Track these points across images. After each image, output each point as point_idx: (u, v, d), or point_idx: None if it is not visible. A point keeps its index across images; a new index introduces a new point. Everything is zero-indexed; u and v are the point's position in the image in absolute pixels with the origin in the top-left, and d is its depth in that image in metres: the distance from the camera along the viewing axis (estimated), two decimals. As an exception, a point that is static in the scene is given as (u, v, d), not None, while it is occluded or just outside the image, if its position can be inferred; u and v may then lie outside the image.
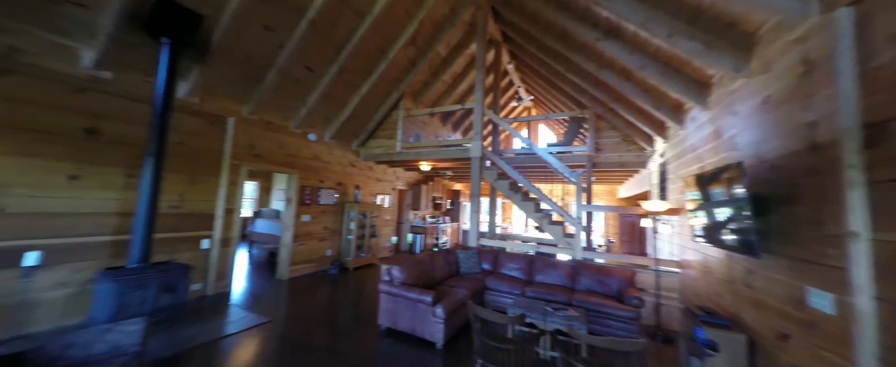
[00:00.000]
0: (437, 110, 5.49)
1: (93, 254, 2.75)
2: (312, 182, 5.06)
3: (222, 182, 3.77)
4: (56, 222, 2.56)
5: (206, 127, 3.63)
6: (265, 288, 4.14)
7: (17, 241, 2.37)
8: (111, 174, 2.87)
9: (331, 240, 5.44)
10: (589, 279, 3.52)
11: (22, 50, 2.41)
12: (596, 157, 5.03)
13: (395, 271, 3.01)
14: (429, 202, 8.36)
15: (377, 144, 5.97)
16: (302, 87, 4.31)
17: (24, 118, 2.42)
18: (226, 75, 3.60)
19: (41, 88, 2.50)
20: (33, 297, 2.46)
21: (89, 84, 2.74)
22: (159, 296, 2.58)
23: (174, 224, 3.32)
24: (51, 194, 2.55)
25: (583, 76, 4.37)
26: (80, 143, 2.69)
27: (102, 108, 2.82)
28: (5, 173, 2.34)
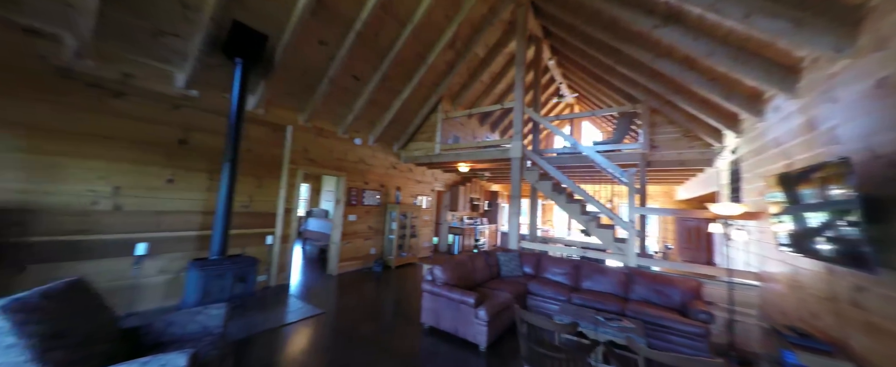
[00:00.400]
0: (476, 111, 5.49)
1: (184, 246, 3.23)
2: (358, 184, 5.37)
3: (282, 184, 4.17)
4: (158, 218, 3.06)
5: (269, 135, 4.05)
6: (317, 282, 4.49)
7: (131, 234, 2.88)
8: (197, 178, 3.34)
9: (374, 239, 5.71)
10: (645, 289, 3.23)
11: (133, 76, 2.92)
12: (650, 155, 4.60)
13: (437, 271, 3.06)
14: (466, 203, 8.37)
15: (417, 147, 6.14)
16: (349, 95, 4.61)
17: (135, 132, 2.93)
18: (285, 88, 3.99)
19: (146, 106, 3.00)
20: (142, 281, 2.96)
21: (181, 102, 3.23)
22: (234, 285, 2.93)
23: (245, 222, 3.76)
24: (154, 195, 3.04)
25: (635, 68, 4.04)
26: (175, 151, 3.18)
27: (191, 121, 3.30)
28: (123, 178, 2.86)
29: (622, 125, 5.17)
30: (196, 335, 1.83)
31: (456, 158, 5.51)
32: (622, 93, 5.35)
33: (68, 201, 2.57)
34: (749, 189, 3.20)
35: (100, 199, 2.72)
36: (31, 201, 2.41)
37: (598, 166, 4.85)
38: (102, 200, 2.73)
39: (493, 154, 5.05)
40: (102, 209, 2.73)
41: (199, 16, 2.85)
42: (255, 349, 2.49)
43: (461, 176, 8.63)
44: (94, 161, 2.70)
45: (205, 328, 1.86)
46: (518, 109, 4.65)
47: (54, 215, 2.50)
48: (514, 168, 4.54)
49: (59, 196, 2.53)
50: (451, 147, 5.54)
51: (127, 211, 2.87)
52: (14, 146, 2.34)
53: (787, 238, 2.12)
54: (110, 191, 2.78)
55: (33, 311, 1.24)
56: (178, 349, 1.66)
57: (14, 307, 1.20)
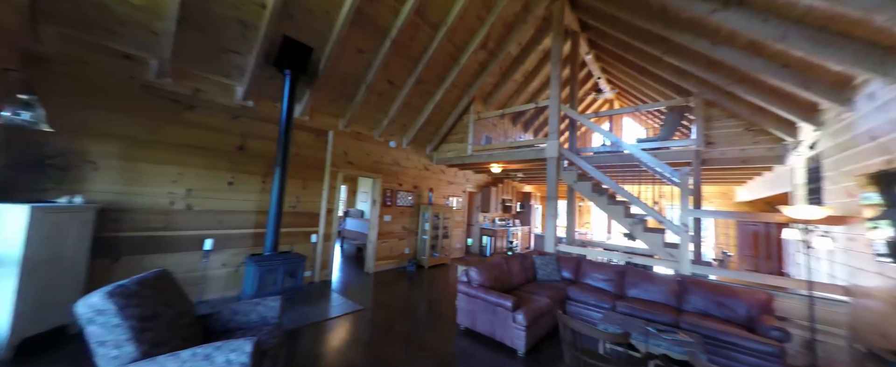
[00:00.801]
0: (509, 111, 5.39)
1: (242, 243, 3.56)
2: (392, 185, 5.54)
3: (325, 186, 4.43)
4: (221, 217, 3.41)
5: (313, 140, 4.33)
6: (356, 279, 4.69)
7: (201, 231, 3.24)
8: (252, 181, 3.67)
9: (408, 239, 5.85)
10: (702, 299, 2.94)
11: (202, 90, 3.29)
12: (706, 152, 4.18)
13: (472, 272, 3.05)
14: (498, 205, 8.25)
15: (449, 148, 6.18)
16: (384, 99, 4.77)
17: (203, 140, 3.29)
18: (327, 95, 4.24)
19: (212, 117, 3.36)
20: (208, 273, 3.31)
21: (240, 112, 3.57)
22: (284, 279, 3.17)
23: (292, 221, 4.05)
24: (218, 196, 3.40)
25: (687, 58, 3.71)
26: (234, 157, 3.52)
27: (248, 129, 3.63)
28: (193, 181, 3.22)
29: (671, 121, 4.76)
30: (256, 324, 2.00)
31: (488, 159, 5.46)
32: (671, 85, 4.94)
33: (152, 202, 2.96)
34: (833, 190, 2.77)
35: (176, 199, 3.10)
36: (124, 201, 2.81)
37: (643, 166, 4.53)
38: (178, 200, 3.11)
39: (526, 154, 4.93)
40: (177, 209, 3.11)
41: (256, 34, 3.13)
42: (302, 339, 2.67)
43: (493, 177, 8.52)
44: (171, 166, 3.08)
45: (263, 318, 2.03)
46: (553, 106, 4.49)
47: (141, 214, 2.90)
48: (549, 168, 4.39)
49: (145, 197, 2.92)
50: (483, 148, 5.50)
51: (196, 210, 3.23)
52: (112, 154, 2.75)
53: (886, 247, 1.80)
54: (184, 193, 3.15)
55: (131, 296, 1.45)
56: (242, 335, 1.83)
57: (118, 292, 1.41)
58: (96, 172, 2.67)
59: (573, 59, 5.37)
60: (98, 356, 1.33)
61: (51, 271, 2.20)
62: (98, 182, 2.67)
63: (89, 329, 1.33)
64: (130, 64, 2.85)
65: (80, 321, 1.33)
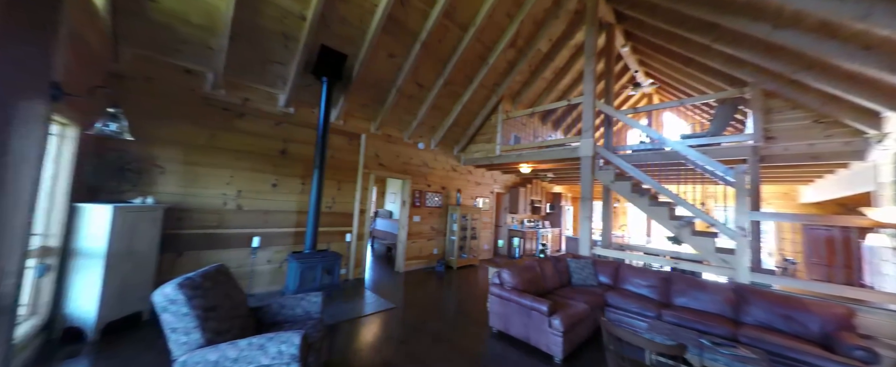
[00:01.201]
0: (539, 109, 5.25)
1: (284, 241, 3.80)
2: (421, 186, 5.61)
3: (357, 187, 4.60)
4: (266, 216, 3.66)
5: (347, 143, 4.51)
6: (387, 278, 4.81)
7: (249, 229, 3.50)
8: (293, 183, 3.90)
9: (436, 240, 5.89)
10: (765, 311, 2.64)
11: (250, 99, 3.56)
12: (765, 148, 3.77)
13: (505, 274, 3.00)
14: (527, 206, 8.06)
15: (476, 149, 6.15)
16: (414, 102, 4.86)
17: (251, 145, 3.56)
18: (360, 100, 4.40)
19: (259, 123, 3.62)
20: (256, 268, 3.57)
21: (282, 118, 3.82)
22: (323, 276, 3.33)
23: (329, 221, 4.25)
24: (263, 197, 3.65)
25: (741, 44, 3.38)
26: (278, 160, 3.77)
27: (289, 134, 3.87)
28: (243, 183, 3.49)
29: (722, 115, 4.36)
30: (301, 317, 2.12)
31: (517, 159, 5.35)
32: (722, 76, 4.53)
33: (208, 202, 3.25)
34: (934, 190, 2.37)
35: (228, 200, 3.38)
36: (186, 202, 3.11)
37: (690, 164, 4.19)
38: (230, 201, 3.39)
39: (558, 154, 4.76)
40: (229, 208, 3.38)
41: (296, 45, 3.33)
42: (340, 334, 2.78)
43: (521, 178, 8.35)
44: (225, 170, 3.36)
45: (307, 313, 2.15)
46: (588, 102, 4.30)
47: (199, 213, 3.19)
48: (584, 168, 4.20)
49: (202, 198, 3.22)
50: (511, 148, 5.40)
51: (246, 210, 3.50)
52: (176, 159, 3.07)
53: None
54: (235, 194, 3.43)
55: (197, 288, 1.59)
56: (289, 328, 1.95)
57: (186, 284, 1.56)
58: (163, 176, 2.98)
59: (608, 53, 5.11)
60: (171, 341, 1.48)
61: (128, 263, 2.49)
62: (165, 185, 2.99)
63: (163, 317, 1.48)
64: (190, 78, 3.16)
65: (156, 308, 1.49)
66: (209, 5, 2.80)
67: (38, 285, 2.13)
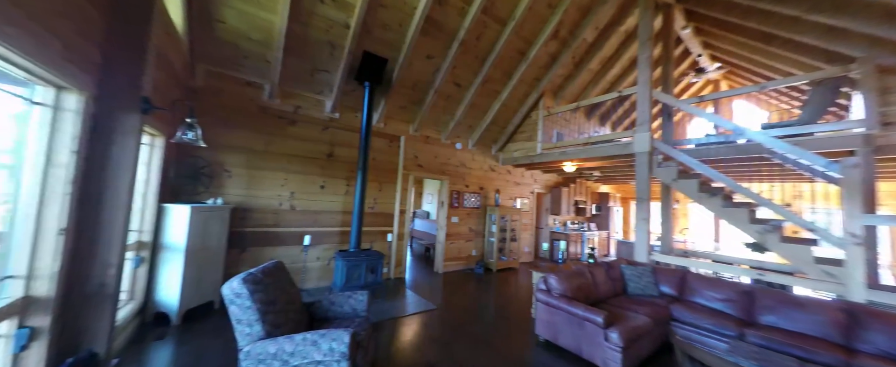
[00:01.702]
0: (584, 103, 4.90)
1: (331, 239, 4.00)
2: (459, 187, 5.56)
3: (397, 188, 4.69)
4: (315, 216, 3.88)
5: (387, 145, 4.63)
6: (426, 278, 4.83)
7: (301, 228, 3.74)
8: (338, 184, 4.09)
9: (475, 241, 5.79)
10: (890, 339, 2.12)
11: (301, 106, 3.81)
12: (882, 137, 3.07)
13: (552, 280, 2.81)
14: (570, 207, 7.59)
15: (516, 148, 5.93)
16: (451, 102, 4.83)
17: (302, 149, 3.80)
18: (399, 102, 4.49)
19: (308, 129, 3.86)
20: (307, 265, 3.80)
21: (328, 123, 4.03)
22: (367, 275, 3.43)
23: (371, 221, 4.39)
24: (313, 198, 3.88)
25: (847, 10, 2.78)
26: (325, 163, 3.99)
27: (334, 138, 4.07)
28: (295, 185, 3.74)
29: (818, 99, 3.65)
30: (349, 315, 2.18)
31: (560, 158, 5.05)
32: (816, 52, 3.80)
33: (266, 203, 3.53)
34: None
35: (282, 201, 3.64)
36: (248, 202, 3.42)
37: (776, 158, 3.58)
38: (284, 201, 3.65)
39: (607, 150, 4.38)
40: (284, 208, 3.65)
41: (341, 52, 3.49)
42: (383, 332, 2.82)
43: (563, 177, 7.90)
44: (279, 173, 3.63)
45: (354, 310, 2.20)
46: (643, 93, 3.89)
47: (259, 213, 3.48)
48: (639, 165, 3.81)
49: (261, 199, 3.51)
50: (554, 146, 5.11)
51: (298, 210, 3.75)
52: (240, 164, 3.38)
53: None
54: (288, 195, 3.69)
55: (258, 283, 1.70)
56: (339, 325, 2.01)
57: (249, 279, 1.67)
58: (230, 179, 3.31)
59: (665, 36, 4.59)
60: (237, 331, 1.60)
61: (202, 257, 2.78)
62: (231, 187, 3.31)
63: (231, 309, 1.60)
64: (251, 90, 3.47)
65: (225, 300, 1.61)
66: (266, 21, 3.04)
67: (135, 274, 2.47)
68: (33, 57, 1.08)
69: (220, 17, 2.91)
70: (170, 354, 2.22)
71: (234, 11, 2.91)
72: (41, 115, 1.27)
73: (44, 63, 1.12)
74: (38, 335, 1.24)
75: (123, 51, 1.58)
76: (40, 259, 1.25)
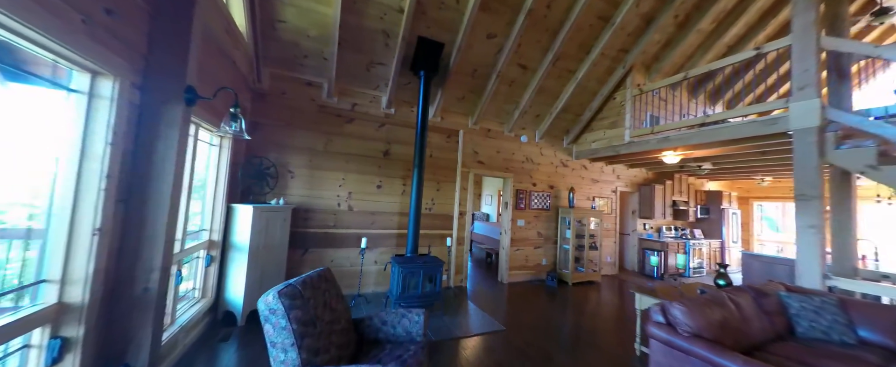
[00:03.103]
0: (699, 71, 3.72)
1: (388, 242, 3.78)
2: (525, 185, 4.88)
3: (456, 187, 4.27)
4: (372, 217, 3.70)
5: (445, 141, 4.25)
6: (490, 289, 4.28)
7: (359, 229, 3.60)
8: (395, 184, 3.86)
9: (545, 248, 5.02)
10: None
11: (358, 104, 3.69)
12: None
13: (677, 311, 1.99)
14: (666, 209, 6.15)
15: (593, 138, 4.97)
16: (515, 88, 4.21)
17: (359, 148, 3.67)
18: (456, 93, 4.07)
19: (365, 127, 3.71)
20: (364, 268, 3.64)
21: (385, 119, 3.84)
22: (425, 284, 3.07)
23: (428, 223, 4.05)
24: (370, 198, 3.71)
25: None
26: (381, 162, 3.79)
27: (390, 135, 3.86)
28: (353, 185, 3.62)
29: None
30: (402, 339, 1.79)
31: (659, 146, 3.96)
32: None
33: (325, 203, 3.47)
34: None
35: (340, 201, 3.55)
36: (308, 203, 3.39)
37: None
38: (342, 201, 3.55)
39: (738, 131, 3.21)
40: (342, 209, 3.55)
41: (395, 40, 3.23)
42: (443, 355, 2.39)
43: (654, 172, 6.48)
44: (338, 173, 3.55)
45: (408, 333, 1.81)
46: (805, 41, 2.69)
47: (319, 213, 3.43)
48: (801, 147, 2.63)
49: (321, 199, 3.45)
50: (648, 132, 4.04)
51: (355, 211, 3.62)
52: (302, 164, 3.37)
53: None
54: (346, 195, 3.58)
55: (296, 297, 1.42)
56: (391, 352, 1.64)
57: (286, 292, 1.40)
58: (293, 180, 3.32)
59: (832, -35, 3.18)
60: (271, 356, 1.32)
61: (265, 258, 2.76)
62: (293, 188, 3.32)
63: (265, 327, 1.34)
64: (311, 89, 3.45)
65: (260, 316, 1.36)
66: (321, 15, 2.93)
67: (207, 272, 2.53)
68: (56, 36, 0.93)
69: (282, 16, 2.90)
70: (230, 358, 2.16)
71: (293, 9, 2.87)
72: (76, 102, 1.16)
73: (72, 44, 0.98)
74: (71, 346, 1.12)
75: (169, 38, 1.47)
76: (75, 261, 1.13)
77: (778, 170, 5.32)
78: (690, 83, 5.26)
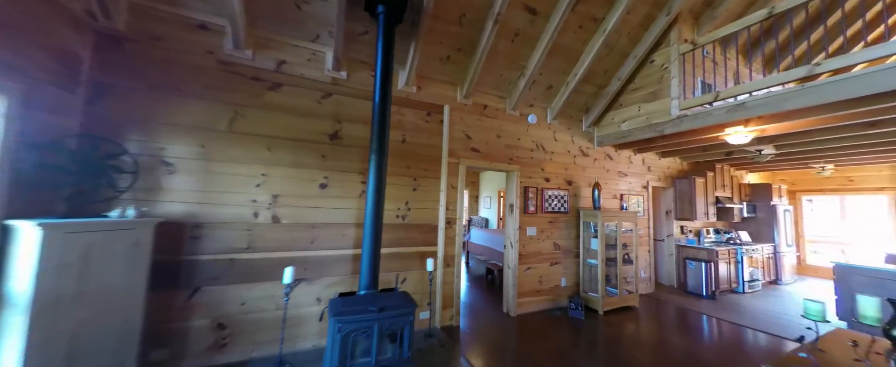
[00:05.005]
0: (793, 2, 2.51)
1: (339, 268, 2.52)
2: (535, 181, 3.65)
3: (442, 186, 3.03)
4: (314, 233, 2.45)
5: (424, 120, 3.02)
6: (494, 326, 3.03)
7: (291, 252, 2.32)
8: (350, 181, 2.62)
9: (564, 264, 3.78)
10: None
11: (287, 62, 2.45)
12: None
13: None
14: (708, 207, 4.94)
15: (623, 116, 3.77)
16: (521, 46, 3.01)
17: (289, 128, 2.43)
18: (438, 52, 2.86)
19: (299, 96, 2.48)
20: (301, 311, 2.37)
21: (331, 87, 2.61)
22: (382, 345, 1.81)
23: (399, 237, 2.80)
24: (309, 203, 2.46)
25: None
26: (327, 149, 2.55)
27: (341, 110, 2.63)
28: (281, 183, 2.38)
29: None
30: None
31: (730, 118, 2.77)
32: None
33: (233, 213, 2.22)
34: None
35: (260, 208, 2.30)
36: (202, 213, 2.13)
37: None
38: (262, 210, 2.30)
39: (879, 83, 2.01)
40: (262, 222, 2.30)
41: (328, -53, 2.02)
42: None
43: (690, 163, 5.30)
44: (254, 165, 2.30)
45: None
46: None
47: (220, 229, 2.18)
48: None
49: (224, 207, 2.20)
50: (706, 100, 2.83)
51: (285, 224, 2.37)
52: (188, 153, 2.13)
53: None
54: (269, 199, 2.33)
55: None
56: None
57: None
58: (171, 177, 2.07)
59: None
60: None
61: (83, 312, 1.50)
62: (173, 189, 2.07)
63: None
64: (207, 36, 2.22)
65: None
66: None
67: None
68: None
69: None
70: None
71: None
72: None
73: None
74: None
75: None
76: None
77: (859, 153, 4.13)
78: (745, 43, 4.08)
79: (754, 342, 2.92)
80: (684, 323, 3.31)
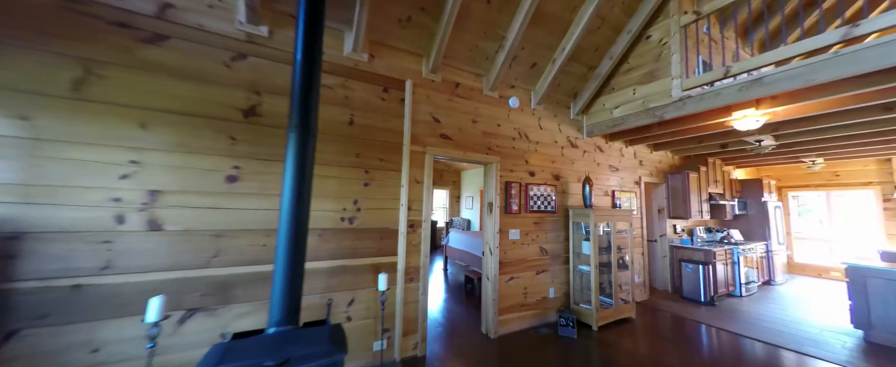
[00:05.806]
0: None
1: (258, 292, 1.85)
2: (518, 175, 3.12)
3: (403, 178, 2.42)
4: (218, 243, 1.77)
5: (380, 98, 2.40)
6: (472, 354, 2.44)
7: (177, 271, 1.59)
8: (271, 173, 1.95)
9: (552, 271, 3.26)
10: None
11: (174, 6, 1.77)
12: None
13: None
14: (702, 205, 4.60)
15: (616, 102, 3.31)
16: (498, 10, 2.46)
17: (181, 99, 1.75)
18: (396, 10, 2.26)
19: (196, 57, 1.80)
20: (190, 354, 1.69)
21: (246, 47, 1.94)
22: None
23: (344, 246, 2.16)
24: (209, 201, 1.78)
25: None
26: (239, 129, 1.88)
27: (260, 78, 1.97)
28: (163, 175, 1.69)
29: None
30: None
31: (741, 98, 2.33)
32: None
33: (82, 218, 1.51)
34: None
35: (126, 209, 1.60)
36: (25, 219, 1.42)
37: None
38: (130, 211, 1.60)
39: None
40: (130, 229, 1.59)
41: None
42: None
43: (681, 157, 4.97)
44: (118, 151, 1.60)
45: None
46: None
47: (60, 242, 1.46)
48: None
49: (67, 208, 1.49)
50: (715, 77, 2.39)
51: (171, 231, 1.67)
52: (8, 128, 1.41)
53: None
54: (142, 197, 1.63)
55: None
56: None
57: None
58: (-34, 162, 1.34)
59: None
60: None
61: None
62: (-33, 181, 1.34)
63: None
64: (41, -41, 1.51)
65: None
66: None
67: None
68: None
69: None
70: None
71: None
72: None
73: None
74: None
75: None
76: None
77: (854, 145, 3.88)
78: (744, 23, 3.74)
79: (775, 361, 2.49)
80: (691, 339, 2.86)
